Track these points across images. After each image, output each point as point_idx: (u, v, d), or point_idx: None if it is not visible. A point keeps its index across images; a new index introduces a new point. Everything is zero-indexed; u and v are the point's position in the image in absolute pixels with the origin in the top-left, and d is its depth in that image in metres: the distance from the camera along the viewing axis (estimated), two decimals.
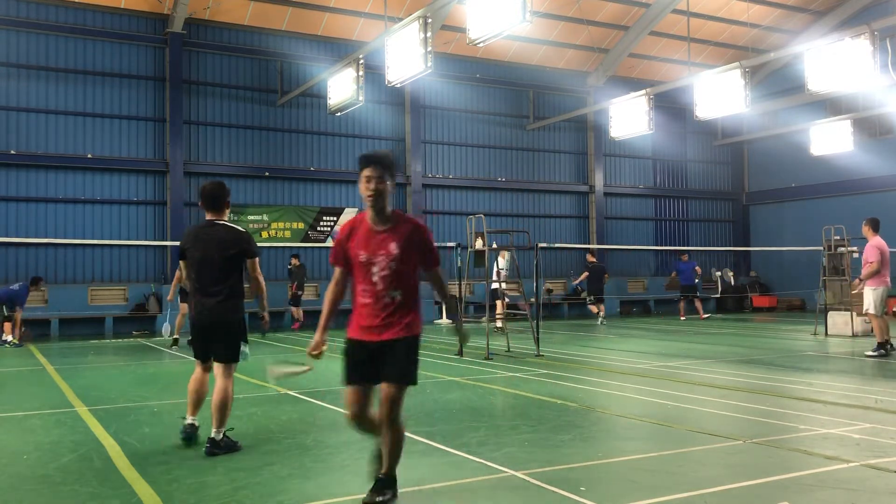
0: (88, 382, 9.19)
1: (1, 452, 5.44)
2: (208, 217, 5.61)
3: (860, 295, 11.80)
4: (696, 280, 20.49)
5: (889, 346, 10.95)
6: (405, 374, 3.92)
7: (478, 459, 5.01)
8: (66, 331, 17.04)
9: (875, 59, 13.90)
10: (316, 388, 8.28)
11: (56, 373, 10.06)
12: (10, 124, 17.44)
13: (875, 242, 11.43)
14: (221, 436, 5.33)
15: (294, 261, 18.27)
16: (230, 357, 5.51)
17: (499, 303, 15.72)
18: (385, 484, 3.99)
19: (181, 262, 5.78)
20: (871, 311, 11.30)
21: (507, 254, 15.76)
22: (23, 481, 4.66)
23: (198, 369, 5.67)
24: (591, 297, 19.06)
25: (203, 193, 5.62)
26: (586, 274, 19.21)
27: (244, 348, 5.56)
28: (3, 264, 17.26)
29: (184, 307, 12.85)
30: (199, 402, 5.64)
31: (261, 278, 5.67)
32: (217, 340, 5.50)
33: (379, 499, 3.92)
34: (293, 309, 18.14)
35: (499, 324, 15.58)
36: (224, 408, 5.35)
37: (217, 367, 5.52)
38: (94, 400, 7.71)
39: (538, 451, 5.25)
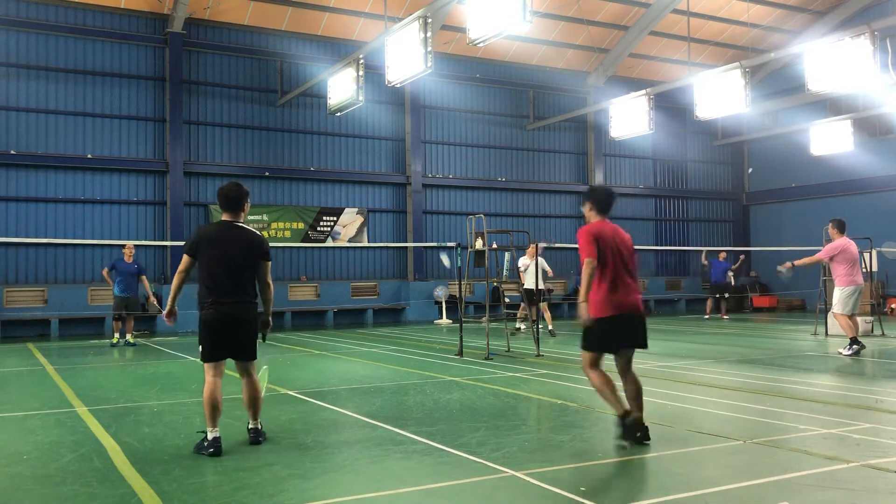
0: (88, 382, 9.18)
1: (1, 452, 5.43)
2: (226, 218, 5.57)
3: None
4: (726, 281, 20.69)
5: (860, 343, 11.02)
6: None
7: (478, 459, 5.01)
8: (66, 331, 17.04)
9: (875, 59, 13.89)
10: (316, 389, 8.28)
11: (56, 373, 10.05)
12: (10, 124, 17.43)
13: (836, 242, 11.48)
14: (260, 425, 5.68)
15: None
16: (253, 354, 5.63)
17: (543, 306, 15.05)
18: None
19: (187, 259, 5.52)
20: (836, 310, 11.39)
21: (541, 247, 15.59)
22: (23, 481, 4.66)
23: (213, 377, 5.42)
24: None
25: (222, 194, 5.55)
26: None
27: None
28: (3, 264, 17.27)
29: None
30: (219, 409, 5.38)
31: (271, 283, 5.72)
32: (239, 338, 5.53)
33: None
34: None
35: (521, 325, 15.70)
36: (259, 399, 5.71)
37: (243, 366, 5.63)
38: (94, 400, 7.71)
39: (538, 451, 5.24)
